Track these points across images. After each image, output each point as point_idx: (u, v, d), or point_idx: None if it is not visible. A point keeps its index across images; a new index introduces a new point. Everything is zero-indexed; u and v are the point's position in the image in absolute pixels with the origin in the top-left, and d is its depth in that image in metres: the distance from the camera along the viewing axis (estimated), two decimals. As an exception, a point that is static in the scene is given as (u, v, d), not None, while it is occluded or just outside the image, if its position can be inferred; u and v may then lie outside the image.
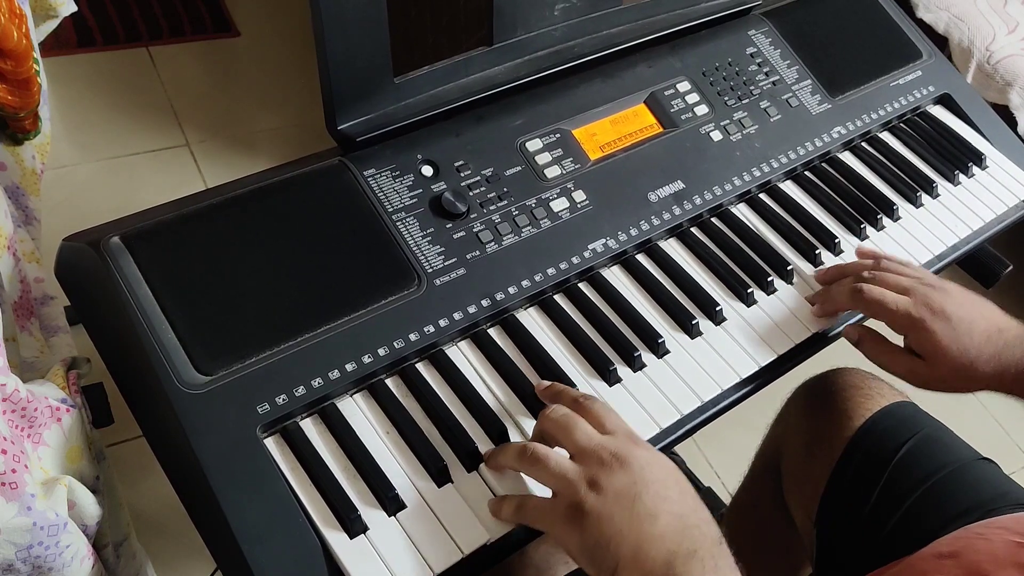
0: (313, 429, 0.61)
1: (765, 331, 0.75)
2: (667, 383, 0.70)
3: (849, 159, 0.93)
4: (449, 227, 0.71)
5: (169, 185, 1.59)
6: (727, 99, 0.89)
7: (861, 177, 0.91)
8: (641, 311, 0.74)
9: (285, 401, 0.60)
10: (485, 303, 0.69)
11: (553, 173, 0.77)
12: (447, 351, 0.68)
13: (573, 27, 0.82)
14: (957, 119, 1.01)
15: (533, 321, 0.71)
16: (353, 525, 0.57)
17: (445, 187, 0.72)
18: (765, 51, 0.94)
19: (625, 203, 0.78)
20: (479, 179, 0.74)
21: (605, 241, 0.76)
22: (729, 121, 0.87)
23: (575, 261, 0.74)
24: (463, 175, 0.74)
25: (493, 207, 0.73)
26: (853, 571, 0.73)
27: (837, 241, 0.84)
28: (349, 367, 0.62)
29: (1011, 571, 0.48)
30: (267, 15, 1.95)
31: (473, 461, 0.62)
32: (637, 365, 0.70)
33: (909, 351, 0.73)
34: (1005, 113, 1.64)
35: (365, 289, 0.66)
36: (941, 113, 1.01)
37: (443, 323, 0.67)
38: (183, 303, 0.61)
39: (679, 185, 0.81)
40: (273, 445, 0.59)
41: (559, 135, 0.79)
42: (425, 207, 0.71)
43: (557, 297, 0.73)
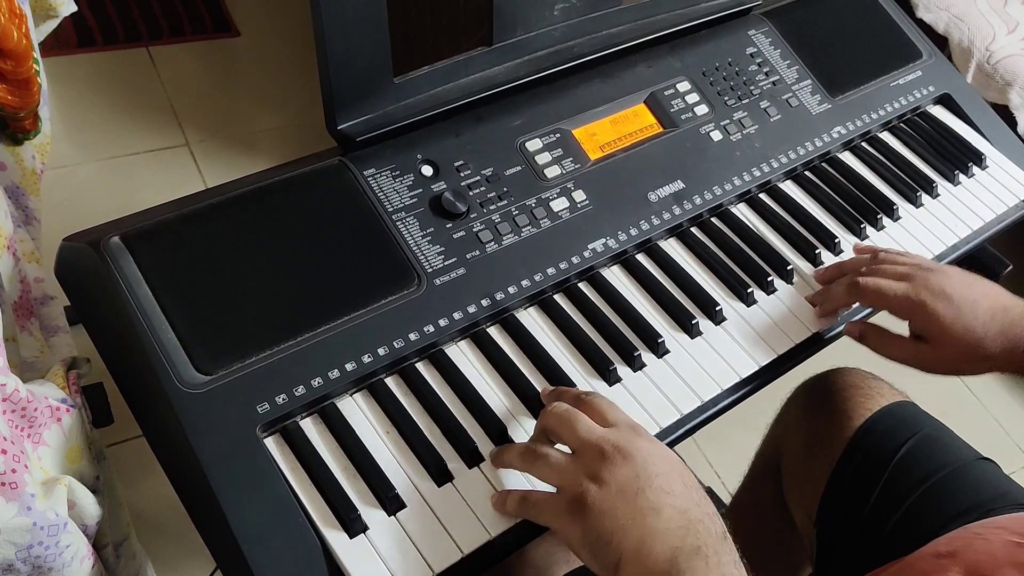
0: (313, 429, 0.61)
1: (765, 331, 0.75)
2: (667, 383, 0.70)
3: (849, 159, 0.93)
4: (449, 227, 0.71)
5: (169, 185, 1.59)
6: (727, 99, 0.89)
7: (861, 177, 0.91)
8: (641, 311, 0.74)
9: (285, 401, 0.60)
10: (485, 303, 0.69)
11: (553, 173, 0.77)
12: (447, 351, 0.68)
13: (573, 27, 0.82)
14: (957, 119, 1.01)
15: (533, 321, 0.71)
16: (353, 525, 0.57)
17: (445, 187, 0.72)
18: (765, 51, 0.94)
19: (625, 203, 0.78)
20: (479, 179, 0.74)
21: (605, 241, 0.76)
22: (729, 121, 0.87)
23: (575, 261, 0.74)
24: (463, 175, 0.74)
25: (493, 207, 0.73)
26: (853, 571, 0.73)
27: (837, 241, 0.84)
28: (349, 367, 0.62)
29: (1008, 571, 0.48)
30: (267, 15, 1.95)
31: (473, 460, 0.62)
32: (637, 365, 0.70)
33: (914, 338, 0.72)
34: (1005, 113, 1.63)
35: (365, 289, 0.66)
36: (941, 113, 1.01)
37: (443, 323, 0.67)
38: (183, 303, 0.61)
39: (679, 185, 0.81)
40: (273, 445, 0.59)
41: (559, 135, 0.79)
42: (425, 207, 0.71)
43: (557, 297, 0.73)
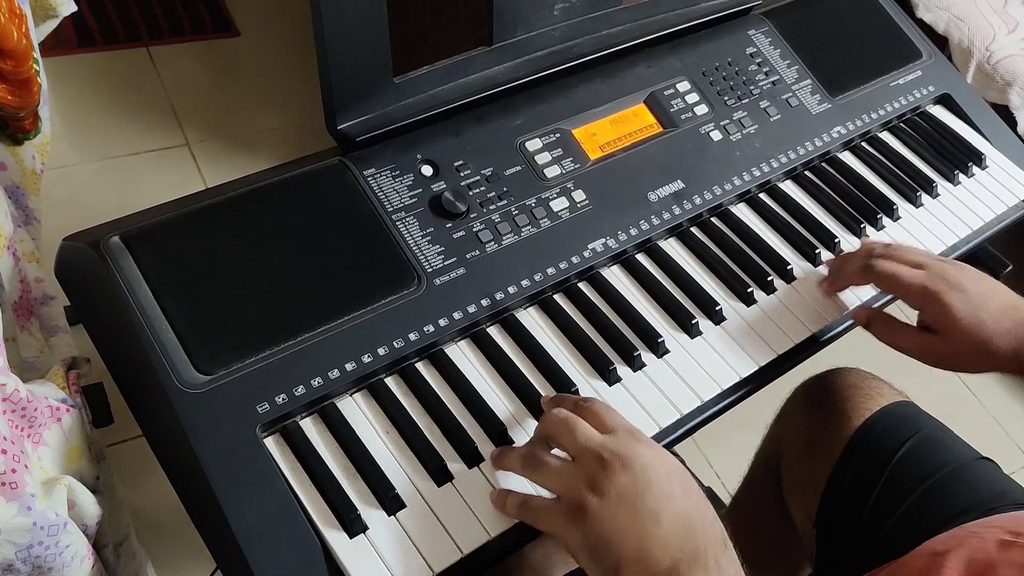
0: (313, 429, 0.61)
1: (765, 331, 0.75)
2: (667, 383, 0.70)
3: (849, 159, 0.93)
4: (449, 227, 0.71)
5: (169, 185, 1.59)
6: (727, 99, 0.89)
7: (861, 177, 0.91)
8: (641, 311, 0.74)
9: (285, 401, 0.60)
10: (485, 303, 0.69)
11: (553, 173, 0.77)
12: (447, 351, 0.68)
13: (573, 27, 0.82)
14: (957, 119, 1.01)
15: (533, 321, 0.71)
16: (353, 525, 0.57)
17: (445, 187, 0.72)
18: (765, 51, 0.94)
19: (625, 203, 0.78)
20: (479, 179, 0.74)
21: (605, 241, 0.76)
22: (729, 121, 0.87)
23: (575, 261, 0.74)
24: (463, 175, 0.74)
25: (493, 207, 0.73)
26: (853, 571, 0.73)
27: (837, 241, 0.84)
28: (349, 367, 0.62)
29: (1002, 569, 0.48)
30: (267, 15, 1.95)
31: (473, 461, 0.62)
32: (637, 365, 0.70)
33: (922, 329, 0.71)
34: (1005, 113, 1.63)
35: (365, 289, 0.66)
36: (941, 113, 1.01)
37: (443, 323, 0.67)
38: (183, 303, 0.61)
39: (679, 185, 0.81)
40: (273, 445, 0.59)
41: (559, 135, 0.79)
42: (425, 207, 0.71)
43: (557, 297, 0.73)
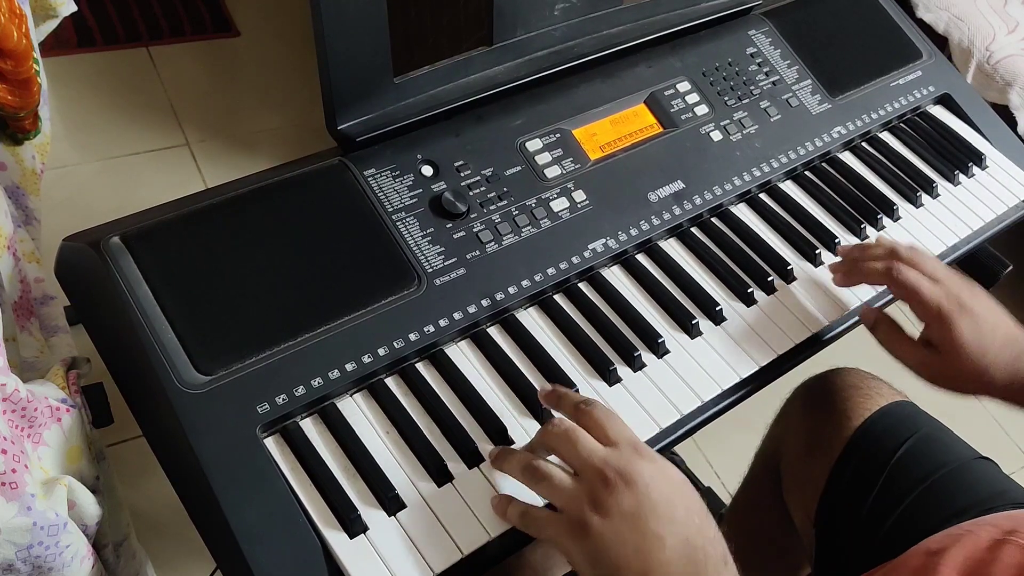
0: (313, 429, 0.61)
1: (765, 331, 0.75)
2: (667, 383, 0.70)
3: (849, 159, 0.93)
4: (449, 227, 0.71)
5: (169, 185, 1.59)
6: (727, 99, 0.89)
7: (861, 177, 0.91)
8: (641, 311, 0.74)
9: (285, 401, 0.60)
10: (485, 303, 0.69)
11: (553, 173, 0.77)
12: (447, 351, 0.68)
13: (573, 27, 0.82)
14: (957, 119, 1.01)
15: (533, 321, 0.71)
16: (353, 525, 0.57)
17: (445, 187, 0.72)
18: (765, 51, 0.94)
19: (625, 203, 0.78)
20: (479, 179, 0.74)
21: (605, 241, 0.76)
22: (729, 121, 0.87)
23: (575, 261, 0.74)
24: (463, 175, 0.74)
25: (493, 207, 0.73)
26: (852, 571, 0.73)
27: (837, 241, 0.84)
28: (349, 367, 0.62)
29: (995, 567, 0.48)
30: (267, 15, 1.95)
31: (473, 461, 0.62)
32: (637, 365, 0.70)
33: (924, 344, 0.72)
34: (1005, 113, 1.64)
35: (365, 289, 0.66)
36: (941, 113, 1.01)
37: (443, 323, 0.67)
38: (183, 303, 0.61)
39: (679, 185, 0.81)
40: (273, 445, 0.59)
41: (559, 135, 0.79)
42: (425, 207, 0.71)
43: (557, 297, 0.73)
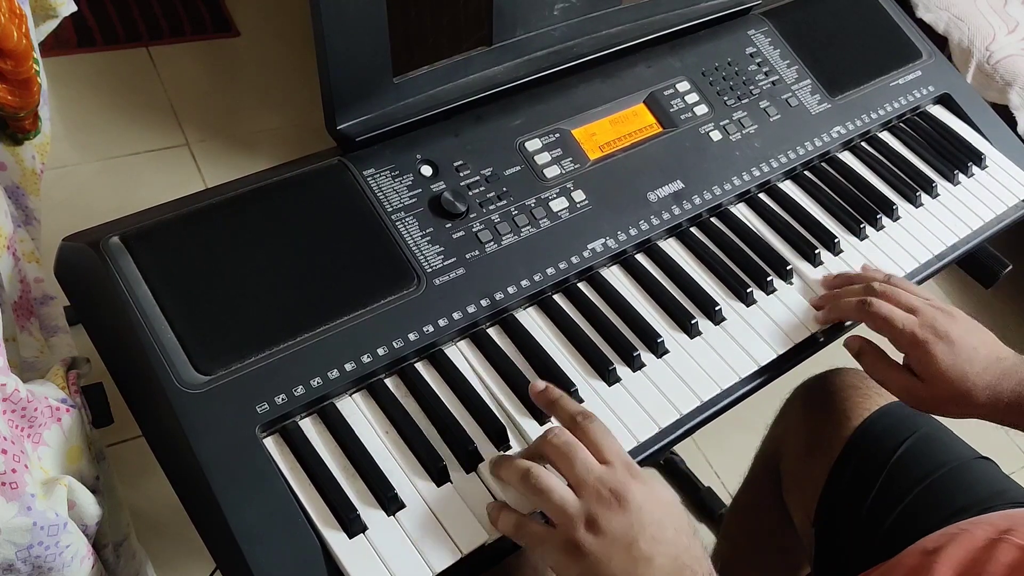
0: (312, 429, 0.61)
1: (765, 331, 0.75)
2: (666, 383, 0.70)
3: (849, 159, 0.93)
4: (448, 227, 0.71)
5: (169, 185, 1.59)
6: (727, 99, 0.89)
7: (861, 177, 0.91)
8: (640, 311, 0.74)
9: (284, 401, 0.60)
10: (484, 303, 0.69)
11: (552, 173, 0.77)
12: (446, 351, 0.68)
13: (573, 27, 0.82)
14: (957, 119, 1.01)
15: (532, 321, 0.71)
16: (352, 525, 0.57)
17: (444, 187, 0.72)
18: (765, 51, 0.94)
19: (625, 203, 0.78)
20: (478, 179, 0.74)
21: (604, 241, 0.76)
22: (729, 121, 0.87)
23: (574, 261, 0.74)
24: (462, 175, 0.74)
25: (492, 207, 0.73)
26: (852, 570, 0.73)
27: (837, 241, 0.84)
28: (348, 367, 0.62)
29: (990, 566, 0.48)
30: (267, 15, 1.96)
31: (472, 461, 0.62)
32: (636, 365, 0.70)
33: (908, 370, 0.73)
34: (1005, 113, 1.64)
35: (364, 289, 0.66)
36: (941, 113, 1.01)
37: (442, 323, 0.67)
38: (183, 303, 0.61)
39: (678, 185, 0.81)
40: (272, 445, 0.59)
41: (558, 135, 0.79)
42: (424, 207, 0.71)
43: (556, 297, 0.73)
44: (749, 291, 0.77)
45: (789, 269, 0.80)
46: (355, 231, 0.68)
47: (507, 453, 0.62)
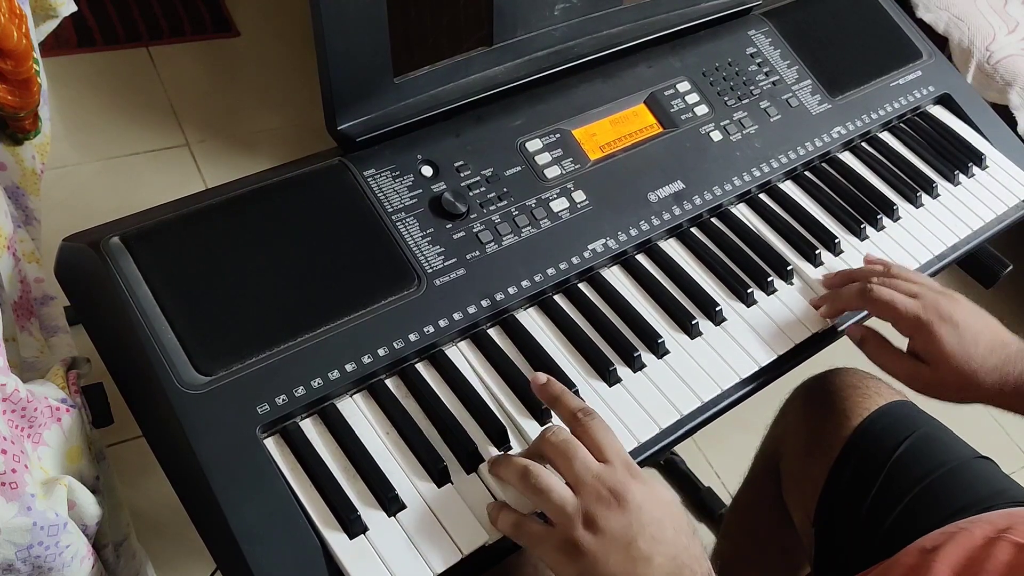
0: (313, 429, 0.61)
1: (765, 331, 0.75)
2: (667, 383, 0.70)
3: (849, 159, 0.93)
4: (449, 227, 0.71)
5: (169, 185, 1.59)
6: (727, 99, 0.89)
7: (861, 177, 0.91)
8: (641, 311, 0.74)
9: (285, 401, 0.60)
10: (485, 303, 0.69)
11: (553, 173, 0.77)
12: (447, 351, 0.68)
13: (573, 27, 0.82)
14: (957, 119, 1.01)
15: (533, 321, 0.71)
16: (353, 525, 0.57)
17: (445, 187, 0.72)
18: (765, 51, 0.94)
19: (625, 203, 0.78)
20: (479, 179, 0.74)
21: (605, 241, 0.76)
22: (729, 121, 0.87)
23: (575, 261, 0.74)
24: (463, 175, 0.74)
25: (493, 207, 0.73)
26: (852, 570, 0.73)
27: (837, 241, 0.84)
28: (349, 367, 0.62)
29: (988, 564, 0.48)
30: (267, 15, 1.95)
31: (473, 461, 0.62)
32: (637, 365, 0.70)
33: (912, 356, 0.72)
34: (1005, 113, 1.64)
35: (365, 289, 0.66)
36: (941, 113, 1.01)
37: (443, 323, 0.67)
38: (183, 303, 0.61)
39: (679, 185, 0.81)
40: (273, 445, 0.59)
41: (559, 135, 0.79)
42: (425, 207, 0.71)
43: (557, 297, 0.73)
44: (750, 291, 0.77)
45: (790, 269, 0.80)
46: (355, 231, 0.68)
47: (506, 454, 0.62)
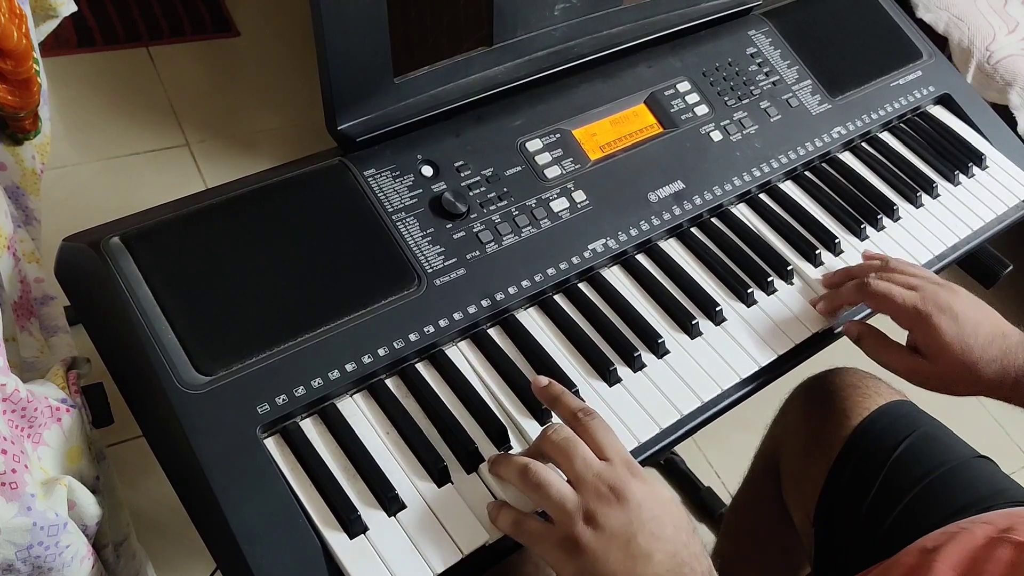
0: (313, 429, 0.61)
1: (765, 331, 0.75)
2: (667, 383, 0.70)
3: (849, 159, 0.93)
4: (449, 227, 0.71)
5: (169, 185, 1.59)
6: (727, 99, 0.89)
7: (861, 177, 0.91)
8: (641, 311, 0.74)
9: (285, 401, 0.60)
10: (485, 303, 0.69)
11: (553, 173, 0.77)
12: (447, 351, 0.68)
13: (573, 27, 0.82)
14: (957, 119, 1.01)
15: (533, 321, 0.71)
16: (353, 525, 0.57)
17: (445, 187, 0.72)
18: (765, 51, 0.94)
19: (625, 203, 0.78)
20: (479, 179, 0.74)
21: (605, 241, 0.76)
22: (729, 121, 0.87)
23: (575, 261, 0.74)
24: (463, 175, 0.74)
25: (493, 207, 0.73)
26: (851, 569, 0.73)
27: (837, 241, 0.84)
28: (349, 367, 0.62)
29: (988, 565, 0.48)
30: (267, 15, 1.96)
31: (473, 461, 0.62)
32: (637, 365, 0.70)
33: (911, 349, 0.72)
34: (1005, 113, 1.64)
35: (365, 289, 0.66)
36: (941, 113, 1.01)
37: (443, 323, 0.67)
38: (183, 303, 0.61)
39: (679, 185, 0.81)
40: (273, 445, 0.59)
41: (559, 135, 0.79)
42: (425, 207, 0.71)
43: (557, 297, 0.73)
44: (750, 291, 0.77)
45: (790, 269, 0.80)
46: (356, 231, 0.68)
47: (506, 453, 0.62)
